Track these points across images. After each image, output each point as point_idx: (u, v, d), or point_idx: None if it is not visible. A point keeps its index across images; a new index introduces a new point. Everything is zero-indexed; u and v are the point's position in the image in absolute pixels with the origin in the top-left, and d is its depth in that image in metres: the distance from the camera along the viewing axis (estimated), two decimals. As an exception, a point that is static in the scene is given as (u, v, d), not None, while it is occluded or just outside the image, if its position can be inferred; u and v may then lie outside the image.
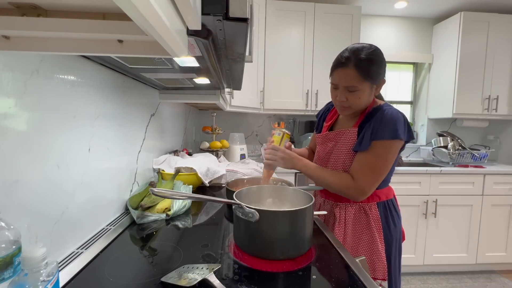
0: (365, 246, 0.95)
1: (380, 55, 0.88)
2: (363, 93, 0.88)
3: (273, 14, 2.25)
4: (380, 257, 0.92)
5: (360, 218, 0.96)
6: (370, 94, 0.90)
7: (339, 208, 0.98)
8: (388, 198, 0.98)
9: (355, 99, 0.89)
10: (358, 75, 0.85)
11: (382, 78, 0.90)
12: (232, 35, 0.54)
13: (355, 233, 0.96)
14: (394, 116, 0.86)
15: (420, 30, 2.75)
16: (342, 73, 0.87)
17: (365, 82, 0.86)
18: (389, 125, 0.85)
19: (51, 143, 0.61)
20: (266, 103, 2.30)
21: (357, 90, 0.87)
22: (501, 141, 2.74)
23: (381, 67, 0.88)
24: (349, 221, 0.96)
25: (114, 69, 0.88)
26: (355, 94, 0.88)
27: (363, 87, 0.87)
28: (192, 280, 0.53)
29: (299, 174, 2.09)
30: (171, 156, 1.40)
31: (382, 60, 0.88)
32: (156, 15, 0.26)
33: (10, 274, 0.39)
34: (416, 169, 2.15)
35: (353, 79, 0.86)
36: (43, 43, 0.42)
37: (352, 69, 0.85)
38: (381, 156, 0.87)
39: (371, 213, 0.95)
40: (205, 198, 0.69)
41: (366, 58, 0.85)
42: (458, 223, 2.19)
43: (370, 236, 0.94)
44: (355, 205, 0.96)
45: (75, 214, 0.70)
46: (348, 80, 0.87)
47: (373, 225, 0.94)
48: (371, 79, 0.86)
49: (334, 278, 0.59)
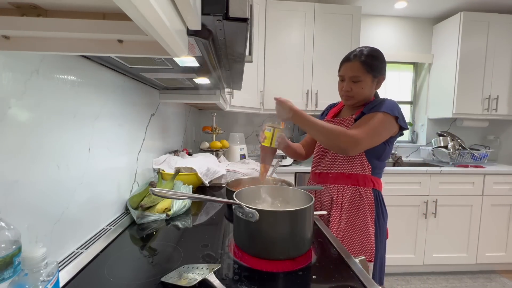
0: (358, 228, 1.02)
1: (381, 53, 1.03)
2: (366, 84, 1.01)
3: (273, 14, 2.25)
4: (370, 239, 0.99)
5: (355, 200, 1.03)
6: (371, 87, 1.03)
7: (337, 190, 1.06)
8: (380, 190, 1.07)
9: (358, 89, 1.02)
10: (362, 67, 0.99)
11: (382, 74, 1.03)
12: (232, 35, 0.54)
13: (350, 215, 1.03)
14: (393, 102, 1.01)
15: (420, 30, 2.75)
16: (348, 66, 1.02)
17: (368, 74, 1.00)
18: (387, 104, 0.98)
19: (51, 143, 0.61)
20: (266, 103, 2.30)
21: (361, 81, 1.01)
22: (501, 141, 2.74)
23: (382, 63, 1.02)
24: (345, 203, 1.04)
25: (114, 69, 0.88)
26: (358, 84, 1.01)
27: (366, 78, 1.00)
28: (192, 280, 0.53)
29: (299, 174, 2.10)
30: (171, 156, 1.40)
31: (382, 57, 1.03)
32: (156, 15, 0.26)
33: (10, 274, 0.39)
34: (416, 169, 2.15)
35: (358, 70, 1.00)
36: (43, 43, 0.42)
37: (357, 62, 1.00)
38: (377, 120, 0.95)
39: (367, 197, 1.03)
40: (205, 198, 0.69)
41: (369, 54, 1.00)
42: (458, 223, 2.19)
43: (363, 218, 1.01)
44: (351, 188, 1.04)
45: (75, 214, 0.70)
46: (354, 71, 1.01)
47: (367, 207, 1.02)
48: (373, 72, 1.00)
49: (334, 278, 0.59)
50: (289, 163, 2.21)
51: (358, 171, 1.03)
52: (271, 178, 1.23)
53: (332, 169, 1.07)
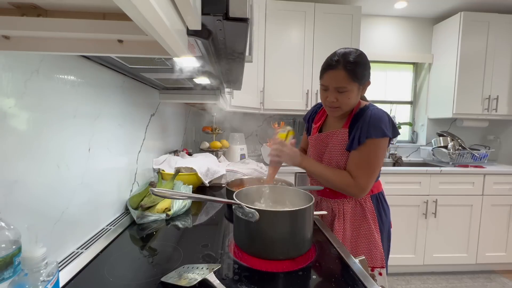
0: (364, 238, 1.01)
1: (366, 58, 0.95)
2: (352, 93, 0.93)
3: (273, 14, 2.25)
4: (377, 246, 0.99)
5: (356, 211, 1.03)
6: (357, 95, 0.96)
7: (337, 204, 1.04)
8: (379, 191, 1.07)
9: (344, 99, 0.94)
10: (348, 76, 0.91)
11: (367, 80, 0.97)
12: (232, 35, 0.54)
13: (354, 226, 1.03)
14: (379, 116, 0.94)
15: (420, 30, 2.75)
16: (332, 75, 0.93)
17: (353, 83, 0.92)
18: (376, 125, 0.92)
19: (51, 143, 0.61)
20: (266, 103, 2.30)
21: (347, 91, 0.93)
22: (501, 141, 2.74)
23: (366, 69, 0.95)
24: (347, 216, 1.02)
25: (114, 69, 0.88)
26: (344, 94, 0.93)
27: (352, 87, 0.92)
28: (192, 280, 0.53)
29: (299, 174, 2.10)
30: (171, 156, 1.40)
31: (367, 63, 0.95)
32: (156, 15, 0.26)
33: (10, 274, 0.39)
34: (416, 169, 2.15)
35: (343, 80, 0.91)
36: (43, 43, 0.42)
37: (341, 71, 0.91)
38: (373, 152, 0.94)
39: (367, 206, 1.02)
40: (205, 198, 0.69)
41: (354, 61, 0.91)
42: (458, 223, 2.19)
43: (367, 228, 1.01)
44: (351, 200, 1.03)
45: (75, 214, 0.70)
46: (338, 81, 0.92)
47: (369, 216, 1.01)
48: (358, 80, 0.93)
49: (334, 278, 0.59)
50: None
51: None
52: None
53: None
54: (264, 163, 2.21)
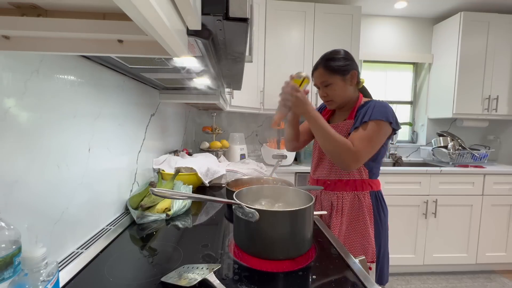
0: (358, 231, 1.04)
1: (343, 52, 1.06)
2: (337, 85, 1.04)
3: (273, 14, 2.24)
4: (370, 241, 1.02)
5: (354, 205, 1.06)
6: (344, 86, 1.05)
7: (337, 197, 1.07)
8: (378, 189, 1.09)
9: (332, 92, 1.06)
10: (326, 71, 1.04)
11: (351, 70, 1.04)
12: (232, 35, 0.54)
13: (350, 220, 1.05)
14: (384, 104, 1.02)
15: (420, 30, 2.75)
16: (316, 75, 1.08)
17: (333, 75, 1.03)
18: (381, 109, 0.99)
19: (51, 143, 0.61)
20: (266, 103, 2.30)
21: (330, 84, 1.05)
22: (501, 141, 2.74)
23: (345, 61, 1.03)
24: (345, 209, 1.06)
25: (114, 69, 0.88)
26: (330, 87, 1.05)
27: (334, 80, 1.04)
28: (192, 280, 0.53)
29: (299, 174, 2.10)
30: (171, 156, 1.40)
31: (346, 55, 1.05)
32: (156, 15, 0.26)
33: (10, 274, 0.39)
34: (416, 169, 2.15)
35: (323, 75, 1.05)
36: (43, 43, 0.42)
37: (320, 69, 1.05)
38: (376, 132, 0.97)
39: (365, 201, 1.05)
40: (205, 198, 0.69)
41: (329, 57, 1.04)
42: (458, 223, 2.19)
43: (363, 222, 1.04)
44: (350, 194, 1.06)
45: (75, 214, 0.70)
46: (320, 77, 1.06)
47: (366, 211, 1.04)
48: (337, 72, 1.03)
49: (334, 278, 0.59)
50: (289, 163, 2.21)
51: (356, 177, 1.05)
52: (271, 178, 1.23)
53: (330, 176, 1.09)
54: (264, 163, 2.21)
